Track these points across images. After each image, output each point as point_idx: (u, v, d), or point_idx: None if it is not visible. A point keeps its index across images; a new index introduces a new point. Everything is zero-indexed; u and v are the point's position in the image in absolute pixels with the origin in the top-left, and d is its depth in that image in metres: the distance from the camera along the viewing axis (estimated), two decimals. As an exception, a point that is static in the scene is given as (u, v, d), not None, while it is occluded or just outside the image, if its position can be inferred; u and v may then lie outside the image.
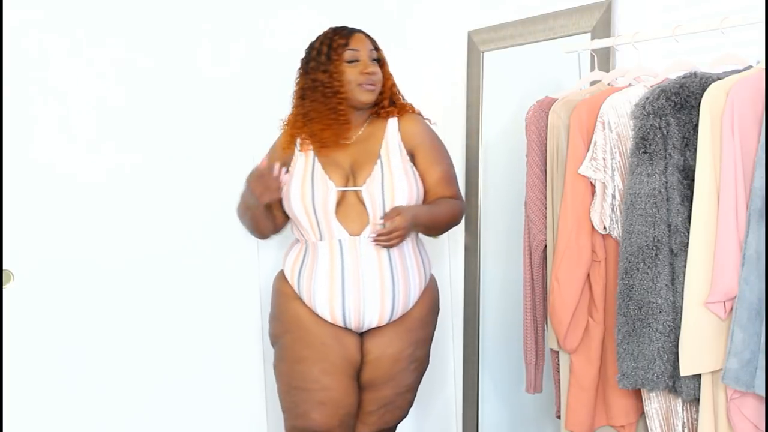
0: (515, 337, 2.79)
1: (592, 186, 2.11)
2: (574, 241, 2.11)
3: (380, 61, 2.42)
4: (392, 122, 2.41)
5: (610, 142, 2.06)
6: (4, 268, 2.46)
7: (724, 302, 1.82)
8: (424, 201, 2.40)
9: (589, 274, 2.15)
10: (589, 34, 2.61)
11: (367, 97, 2.35)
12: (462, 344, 3.23)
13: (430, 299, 2.46)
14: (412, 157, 2.40)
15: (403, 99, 2.47)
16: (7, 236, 2.46)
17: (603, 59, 2.53)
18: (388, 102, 2.42)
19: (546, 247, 2.32)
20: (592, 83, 2.43)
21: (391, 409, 2.41)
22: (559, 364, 2.32)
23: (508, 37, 2.95)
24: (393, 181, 2.31)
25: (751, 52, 2.02)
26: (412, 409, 3.25)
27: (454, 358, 3.30)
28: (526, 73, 2.91)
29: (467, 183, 3.16)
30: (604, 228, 2.09)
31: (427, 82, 3.23)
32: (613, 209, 2.08)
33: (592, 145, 2.09)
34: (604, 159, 2.07)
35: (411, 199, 2.33)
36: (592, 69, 2.43)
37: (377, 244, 2.26)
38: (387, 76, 2.42)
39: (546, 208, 2.31)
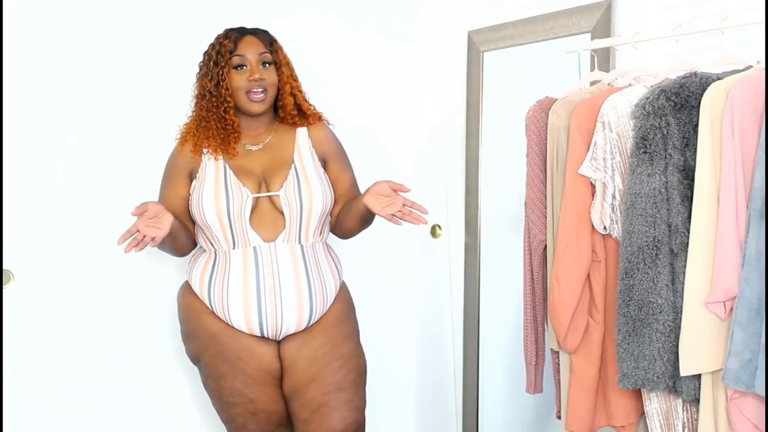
0: (515, 337, 2.80)
1: (592, 186, 2.11)
2: (574, 241, 2.11)
3: (277, 64, 2.30)
4: (301, 130, 2.37)
5: (610, 142, 2.06)
6: (4, 268, 2.46)
7: (724, 302, 1.82)
8: (335, 205, 2.37)
9: (589, 274, 2.15)
10: (589, 34, 2.62)
11: (256, 107, 2.27)
12: (462, 344, 3.23)
13: (344, 298, 2.40)
14: (324, 163, 2.38)
15: (312, 105, 2.39)
16: (7, 236, 2.46)
17: (603, 59, 2.53)
18: (293, 108, 2.35)
19: (546, 247, 2.32)
20: (592, 83, 2.43)
21: (327, 411, 2.26)
22: (559, 365, 2.32)
23: (508, 37, 2.95)
24: (309, 187, 2.28)
25: (751, 52, 2.02)
26: (412, 409, 3.26)
27: (454, 358, 3.30)
28: (526, 73, 2.91)
29: (467, 183, 3.16)
30: (604, 228, 2.09)
31: (427, 82, 3.23)
32: (613, 209, 2.08)
33: (592, 145, 2.09)
34: (604, 159, 2.07)
35: (326, 204, 2.31)
36: (592, 69, 2.43)
37: (408, 217, 2.15)
38: (286, 80, 2.32)
39: (546, 208, 2.31)
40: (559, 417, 2.37)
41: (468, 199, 3.16)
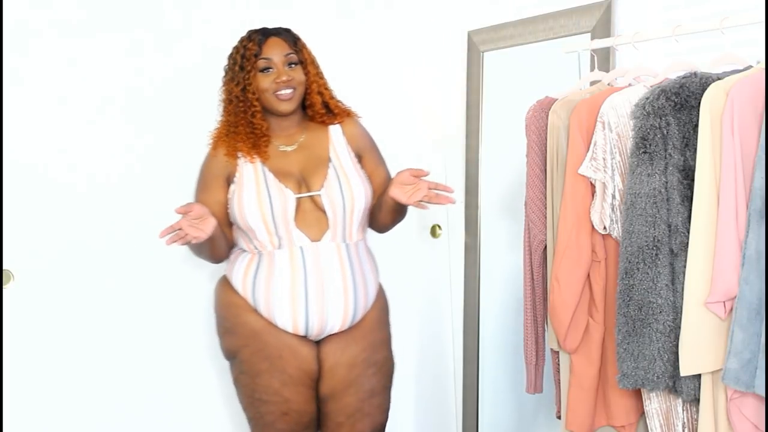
0: (515, 337, 2.80)
1: (592, 186, 2.11)
2: (574, 241, 2.11)
3: (303, 63, 2.30)
4: (334, 127, 2.37)
5: (610, 142, 2.06)
6: (4, 268, 2.46)
7: (724, 302, 1.82)
8: (373, 200, 2.37)
9: (589, 274, 2.15)
10: (589, 34, 2.62)
11: (284, 107, 2.26)
12: (462, 344, 3.23)
13: (382, 301, 2.43)
14: (360, 158, 2.38)
15: (339, 102, 2.38)
16: (7, 236, 2.46)
17: (603, 59, 2.53)
18: (321, 107, 2.34)
19: (546, 247, 2.32)
20: (592, 83, 2.43)
21: (361, 417, 2.32)
22: (559, 365, 2.32)
23: (508, 37, 2.95)
24: (350, 184, 2.28)
25: (751, 52, 2.02)
26: (412, 409, 3.26)
27: (454, 358, 3.30)
28: (526, 73, 2.91)
29: (467, 183, 3.16)
30: (604, 228, 2.09)
31: (428, 82, 3.23)
32: (613, 209, 2.08)
33: (592, 145, 2.09)
34: (604, 159, 2.07)
35: (367, 200, 2.31)
36: (592, 69, 2.43)
37: (429, 199, 2.16)
38: (313, 79, 2.32)
39: (546, 208, 2.31)
40: (559, 417, 2.38)
41: (468, 199, 3.16)
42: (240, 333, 2.28)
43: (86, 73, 2.59)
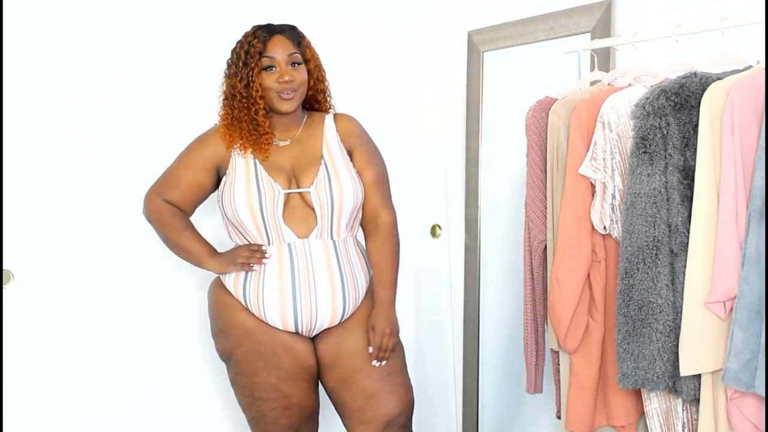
0: (515, 337, 2.80)
1: (592, 186, 2.11)
2: (574, 241, 2.12)
3: (307, 62, 2.30)
4: (329, 120, 2.37)
5: (610, 142, 2.06)
6: (4, 268, 2.46)
7: (724, 302, 1.83)
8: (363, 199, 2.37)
9: (589, 274, 2.15)
10: (589, 34, 2.62)
11: (286, 106, 2.26)
12: (462, 344, 3.23)
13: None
14: (350, 155, 2.37)
15: (328, 101, 2.40)
16: (7, 236, 2.46)
17: (603, 59, 2.53)
18: (323, 97, 2.37)
19: (546, 247, 2.32)
20: (592, 83, 2.43)
21: (384, 396, 2.29)
22: (559, 365, 2.32)
23: (508, 37, 2.95)
24: (340, 183, 2.28)
25: (751, 52, 2.02)
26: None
27: (454, 359, 3.30)
28: (526, 73, 2.91)
29: (467, 183, 3.16)
30: (604, 228, 2.10)
31: (427, 82, 3.23)
32: (613, 209, 2.08)
33: (592, 145, 2.09)
34: (604, 159, 2.07)
35: (356, 199, 2.31)
36: (592, 69, 2.43)
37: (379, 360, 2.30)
38: (312, 76, 2.31)
39: (546, 208, 2.31)
40: (559, 417, 2.38)
41: (468, 199, 3.16)
42: (232, 333, 2.29)
43: (85, 72, 2.59)
